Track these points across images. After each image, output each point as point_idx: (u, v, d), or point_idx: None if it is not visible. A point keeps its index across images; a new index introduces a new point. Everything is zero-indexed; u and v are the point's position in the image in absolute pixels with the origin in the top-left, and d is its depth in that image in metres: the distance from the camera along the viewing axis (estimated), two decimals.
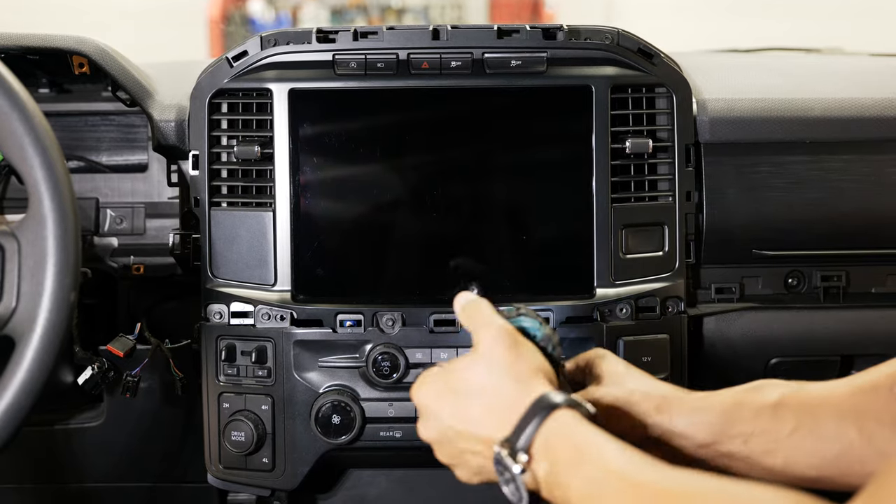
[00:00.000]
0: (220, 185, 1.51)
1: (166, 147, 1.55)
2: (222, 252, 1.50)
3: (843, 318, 1.60)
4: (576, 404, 1.01)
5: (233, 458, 1.51)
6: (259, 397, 1.49)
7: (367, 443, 1.49)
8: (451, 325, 1.48)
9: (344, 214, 1.50)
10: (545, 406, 1.00)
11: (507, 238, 1.51)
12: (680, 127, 1.51)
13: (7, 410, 1.06)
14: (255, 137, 1.49)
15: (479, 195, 1.51)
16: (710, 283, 1.61)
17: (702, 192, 1.54)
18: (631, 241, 1.50)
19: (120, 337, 1.52)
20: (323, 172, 1.50)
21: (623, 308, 1.49)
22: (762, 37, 2.37)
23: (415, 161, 1.50)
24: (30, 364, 1.06)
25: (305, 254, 1.49)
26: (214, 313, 1.50)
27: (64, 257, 1.07)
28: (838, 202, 1.55)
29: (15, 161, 1.09)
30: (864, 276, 1.62)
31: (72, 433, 1.67)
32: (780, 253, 1.58)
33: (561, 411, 0.99)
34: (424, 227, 1.51)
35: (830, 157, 1.55)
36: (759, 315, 1.61)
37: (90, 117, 1.64)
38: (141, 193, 1.59)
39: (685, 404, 1.13)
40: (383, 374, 1.46)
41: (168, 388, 1.60)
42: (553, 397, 1.00)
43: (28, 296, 1.07)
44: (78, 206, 1.11)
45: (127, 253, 1.55)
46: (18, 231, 1.09)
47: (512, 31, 1.49)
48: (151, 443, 1.68)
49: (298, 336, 1.48)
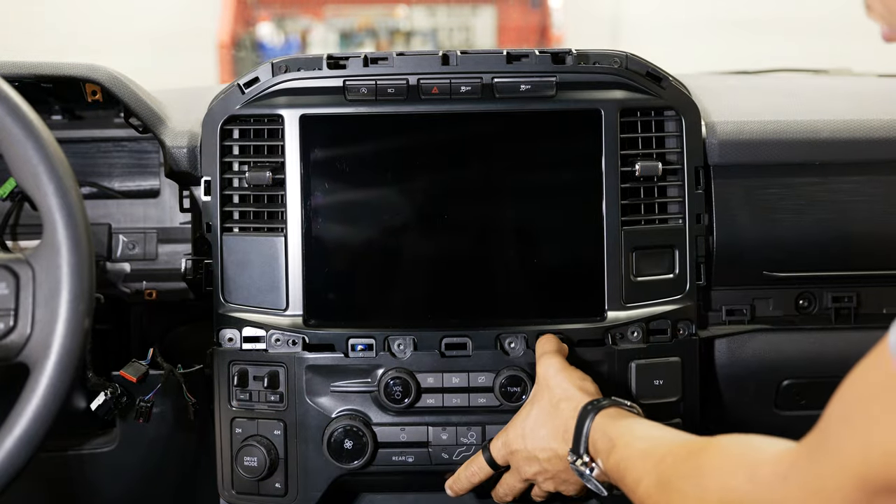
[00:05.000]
0: (231, 211, 1.52)
1: (178, 173, 1.56)
2: (234, 277, 1.51)
3: (855, 340, 1.59)
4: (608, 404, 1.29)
5: (245, 483, 1.51)
6: (271, 422, 1.49)
7: (380, 467, 1.49)
8: (463, 349, 1.48)
9: (355, 238, 1.51)
10: (586, 413, 1.28)
11: (518, 261, 1.52)
12: (689, 149, 1.52)
13: (22, 437, 1.07)
14: (267, 163, 1.50)
15: (489, 218, 1.51)
16: (721, 305, 1.61)
17: (711, 215, 1.54)
18: (641, 264, 1.51)
19: (133, 362, 1.52)
20: (334, 197, 1.50)
21: (634, 331, 1.50)
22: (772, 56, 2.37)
23: (425, 185, 1.51)
24: (45, 391, 1.06)
25: (317, 278, 1.49)
26: (227, 338, 1.51)
27: (78, 284, 1.08)
28: (848, 223, 1.55)
29: (29, 188, 1.10)
30: (875, 296, 1.61)
31: (85, 459, 1.67)
32: (791, 274, 1.58)
33: (599, 416, 1.27)
34: (435, 251, 1.51)
35: (840, 178, 1.55)
36: (770, 337, 1.60)
37: (102, 143, 1.65)
38: (153, 219, 1.59)
39: None
40: (395, 399, 1.46)
41: (181, 414, 1.61)
42: (591, 406, 1.29)
43: (42, 323, 1.08)
44: (91, 232, 1.12)
45: (139, 278, 1.56)
46: (33, 258, 1.09)
47: (521, 56, 1.50)
48: (164, 468, 1.68)
49: (310, 361, 1.48)
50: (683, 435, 1.16)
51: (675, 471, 1.06)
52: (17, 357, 1.09)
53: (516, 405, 1.45)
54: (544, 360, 1.41)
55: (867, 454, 0.80)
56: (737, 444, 1.01)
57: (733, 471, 0.96)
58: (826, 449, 0.84)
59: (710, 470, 1.00)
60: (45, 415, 1.07)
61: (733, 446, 1.01)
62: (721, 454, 1.01)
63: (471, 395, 1.48)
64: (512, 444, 1.39)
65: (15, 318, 1.08)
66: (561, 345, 1.45)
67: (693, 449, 1.07)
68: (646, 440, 1.18)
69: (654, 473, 1.10)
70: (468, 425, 1.48)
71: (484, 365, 1.48)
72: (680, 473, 1.05)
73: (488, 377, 1.48)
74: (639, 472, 1.14)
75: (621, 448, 1.20)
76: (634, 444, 1.19)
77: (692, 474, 1.02)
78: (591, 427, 1.27)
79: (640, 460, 1.15)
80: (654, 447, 1.14)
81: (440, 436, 1.48)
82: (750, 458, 0.95)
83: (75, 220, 1.09)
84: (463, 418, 1.49)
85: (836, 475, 0.83)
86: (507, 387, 1.46)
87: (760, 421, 1.62)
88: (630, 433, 1.21)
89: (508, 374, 1.46)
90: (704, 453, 1.03)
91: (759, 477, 0.92)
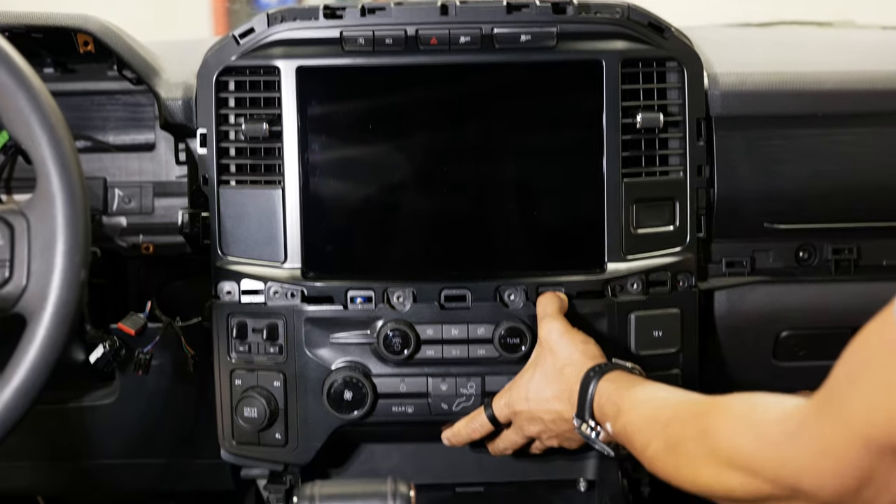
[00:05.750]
0: (228, 163, 1.51)
1: (174, 125, 1.55)
2: (232, 230, 1.50)
3: (855, 291, 1.59)
4: (610, 368, 1.30)
5: (246, 434, 1.51)
6: (271, 374, 1.49)
7: (380, 418, 1.49)
8: (462, 301, 1.48)
9: (353, 190, 1.50)
10: (590, 379, 1.29)
11: (518, 213, 1.51)
12: (691, 101, 1.50)
13: (20, 388, 1.07)
14: (263, 115, 1.49)
15: (488, 171, 1.50)
16: (721, 258, 1.60)
17: (713, 166, 1.53)
18: (641, 216, 1.50)
19: (131, 315, 1.52)
20: (332, 149, 1.49)
21: (634, 283, 1.49)
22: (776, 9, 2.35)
23: (424, 137, 1.50)
24: (42, 342, 1.06)
25: (315, 231, 1.48)
26: (225, 291, 1.50)
27: (73, 235, 1.07)
28: (850, 175, 1.54)
29: (22, 139, 1.09)
30: (875, 248, 1.61)
31: (85, 411, 1.67)
32: (792, 227, 1.57)
33: (603, 380, 1.28)
34: (434, 203, 1.50)
35: (843, 129, 1.54)
36: (770, 289, 1.60)
37: (96, 97, 1.63)
38: (149, 173, 1.58)
39: None
40: (395, 351, 1.46)
41: (180, 366, 1.61)
42: (593, 372, 1.30)
43: (39, 274, 1.07)
44: (86, 184, 1.11)
45: (136, 232, 1.55)
46: (27, 209, 1.09)
47: (521, 6, 1.48)
48: (164, 420, 1.69)
49: (309, 313, 1.48)
50: (688, 395, 1.16)
51: (683, 433, 1.06)
52: (13, 308, 1.08)
53: (515, 357, 1.45)
54: (546, 322, 1.41)
55: (872, 416, 0.81)
56: (742, 403, 1.01)
57: (740, 431, 0.97)
58: (833, 409, 0.85)
59: (717, 431, 1.00)
60: (43, 366, 1.07)
61: (739, 406, 1.01)
62: (727, 414, 1.01)
63: (470, 347, 1.48)
64: (515, 406, 1.40)
65: (10, 269, 1.08)
66: (563, 303, 1.45)
67: (698, 410, 1.07)
68: (651, 403, 1.18)
69: (661, 437, 1.11)
70: (468, 376, 1.49)
71: (483, 317, 1.47)
72: (687, 435, 1.05)
73: (488, 329, 1.47)
74: (646, 436, 1.14)
75: (627, 412, 1.21)
76: (640, 407, 1.19)
77: (699, 436, 1.03)
78: (596, 392, 1.28)
79: (647, 424, 1.15)
80: (660, 410, 1.15)
81: (440, 387, 1.49)
82: (756, 418, 0.96)
83: (69, 170, 1.08)
84: (462, 369, 1.49)
85: (843, 435, 0.83)
86: (507, 338, 1.46)
87: (759, 372, 1.63)
88: (635, 397, 1.22)
89: (508, 325, 1.46)
90: (710, 414, 1.04)
91: (767, 436, 0.93)
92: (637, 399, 1.21)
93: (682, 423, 1.08)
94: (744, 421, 0.97)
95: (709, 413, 1.04)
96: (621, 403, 1.22)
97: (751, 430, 0.95)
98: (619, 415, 1.22)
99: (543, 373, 1.38)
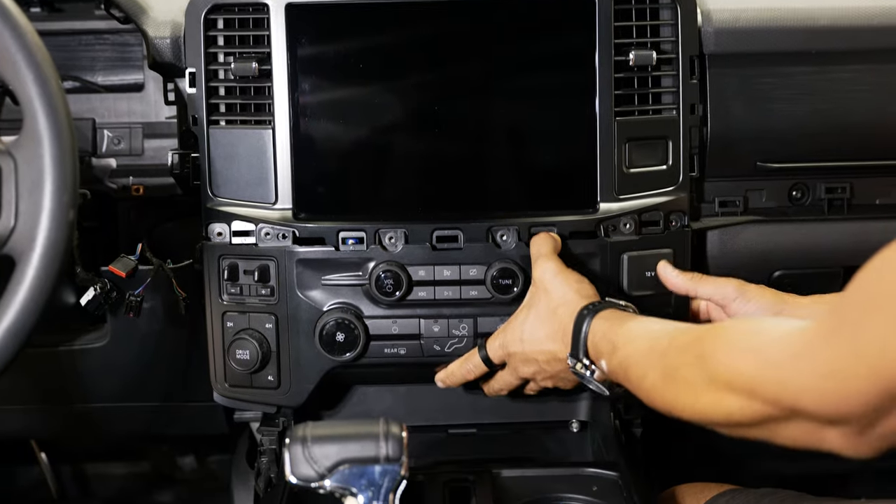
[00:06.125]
0: (217, 103, 1.49)
1: (162, 65, 1.53)
2: (222, 171, 1.49)
3: (848, 230, 1.59)
4: (604, 306, 1.29)
5: (238, 377, 1.51)
6: (263, 316, 1.49)
7: (372, 360, 1.49)
8: (454, 242, 1.47)
9: (344, 130, 1.48)
10: (583, 318, 1.28)
11: (510, 154, 1.50)
12: (684, 38, 1.49)
13: (9, 329, 1.06)
14: (253, 54, 1.47)
15: (480, 110, 1.49)
16: (714, 197, 1.60)
17: (706, 105, 1.52)
18: (634, 155, 1.49)
19: (121, 257, 1.51)
20: (322, 88, 1.48)
21: (626, 223, 1.49)
22: None
23: (415, 76, 1.48)
24: (31, 282, 1.06)
25: (306, 172, 1.47)
26: (216, 233, 1.50)
27: (61, 175, 1.06)
28: (844, 113, 1.53)
29: (8, 78, 1.07)
30: (868, 187, 1.61)
31: (76, 354, 1.67)
32: (785, 165, 1.57)
33: (596, 318, 1.27)
34: (426, 144, 1.49)
35: (837, 67, 1.53)
36: (762, 228, 1.60)
37: (83, 36, 1.61)
38: (138, 113, 1.56)
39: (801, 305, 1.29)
40: (386, 292, 1.46)
41: (171, 308, 1.60)
42: (587, 310, 1.29)
43: (27, 214, 1.06)
44: (74, 124, 1.09)
45: (126, 174, 1.53)
46: (14, 149, 1.07)
47: None
48: (156, 362, 1.69)
49: (301, 254, 1.47)
50: (684, 325, 1.14)
51: (681, 360, 1.05)
52: (1, 250, 1.07)
53: (508, 297, 1.45)
54: (540, 263, 1.40)
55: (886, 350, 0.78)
56: (742, 326, 0.99)
57: (740, 353, 0.95)
58: (843, 336, 0.82)
59: (715, 354, 0.98)
60: (32, 307, 1.06)
61: (738, 329, 0.99)
62: (726, 338, 0.99)
63: (462, 288, 1.47)
64: (509, 347, 1.40)
65: None
66: (556, 243, 1.44)
67: (696, 336, 1.05)
68: (647, 337, 1.17)
69: (658, 367, 1.09)
70: (460, 318, 1.48)
71: (476, 258, 1.47)
72: (685, 362, 1.03)
73: (480, 270, 1.47)
74: (643, 368, 1.13)
75: (623, 347, 1.20)
76: (636, 342, 1.18)
77: (697, 361, 1.01)
78: (590, 330, 1.27)
79: (643, 356, 1.14)
80: (656, 341, 1.13)
81: (432, 328, 1.49)
82: (757, 340, 0.94)
83: (56, 109, 1.06)
84: (455, 311, 1.49)
85: (851, 364, 0.81)
86: (499, 279, 1.45)
87: None
88: (630, 332, 1.21)
89: (500, 266, 1.45)
90: (708, 339, 1.02)
91: (768, 357, 0.90)
92: (632, 333, 1.20)
93: (679, 350, 1.06)
94: (744, 343, 0.95)
95: (706, 337, 1.02)
96: (616, 339, 1.21)
97: (751, 352, 0.93)
98: (614, 351, 1.21)
99: (537, 313, 1.38)
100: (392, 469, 0.98)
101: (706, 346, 1.01)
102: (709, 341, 1.01)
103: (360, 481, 0.98)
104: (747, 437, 0.98)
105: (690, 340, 1.06)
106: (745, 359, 0.93)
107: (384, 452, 0.98)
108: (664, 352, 1.09)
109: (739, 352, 0.95)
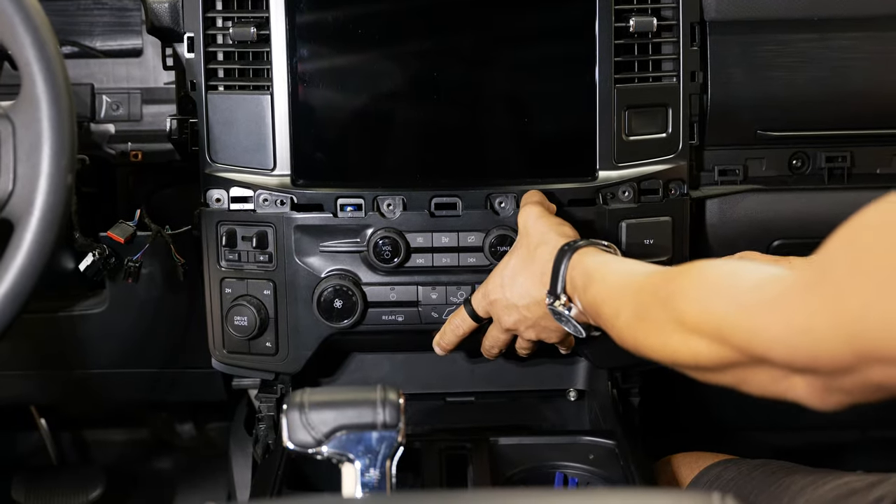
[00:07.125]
0: (216, 68, 1.49)
1: (160, 29, 1.52)
2: (220, 136, 1.48)
3: (848, 200, 1.58)
4: (585, 244, 1.26)
5: (236, 343, 1.51)
6: (261, 282, 1.49)
7: (370, 327, 1.49)
8: (453, 209, 1.47)
9: (343, 97, 1.48)
10: (563, 253, 1.25)
11: (509, 121, 1.49)
12: (685, 5, 1.48)
13: (7, 293, 1.06)
14: (251, 18, 1.46)
15: (480, 77, 1.48)
16: (714, 165, 1.59)
17: (706, 72, 1.51)
18: (634, 123, 1.48)
19: (120, 223, 1.51)
20: (320, 54, 1.47)
21: (625, 191, 1.48)
22: None
23: (414, 44, 1.48)
24: (29, 247, 1.06)
25: (305, 137, 1.47)
26: (214, 199, 1.49)
27: (59, 139, 1.06)
28: (845, 81, 1.52)
29: (6, 41, 1.07)
30: (869, 156, 1.60)
31: (75, 320, 1.67)
32: (785, 133, 1.56)
33: (576, 254, 1.24)
34: (425, 111, 1.49)
35: (838, 34, 1.52)
36: (762, 197, 1.59)
37: (82, 1, 1.60)
38: (136, 79, 1.56)
39: None
40: (384, 259, 1.46)
41: (170, 275, 1.60)
42: (567, 247, 1.26)
43: (25, 178, 1.06)
44: (73, 89, 1.09)
45: (124, 139, 1.53)
46: (12, 113, 1.07)
47: None
48: (155, 329, 1.69)
49: (299, 221, 1.47)
50: (661, 267, 1.11)
51: (654, 298, 1.02)
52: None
53: None
54: (525, 210, 1.39)
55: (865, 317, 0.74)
56: (717, 267, 0.96)
57: (713, 294, 0.92)
58: (822, 292, 0.78)
59: (688, 293, 0.96)
60: (31, 271, 1.06)
61: (713, 270, 0.96)
62: (701, 278, 0.96)
63: (460, 255, 1.47)
64: (491, 295, 1.38)
65: None
66: (542, 196, 1.43)
67: (670, 275, 1.03)
68: (622, 274, 1.14)
69: (631, 304, 1.07)
70: (458, 284, 1.48)
71: (474, 224, 1.47)
72: (658, 299, 1.00)
73: (478, 237, 1.47)
74: (616, 305, 1.10)
75: (598, 282, 1.17)
76: (610, 277, 1.16)
77: (670, 299, 0.98)
78: (568, 266, 1.24)
79: (618, 292, 1.11)
80: (631, 279, 1.10)
81: (430, 295, 1.49)
82: (731, 282, 0.91)
83: (54, 72, 1.06)
84: (452, 278, 1.49)
85: (828, 322, 0.77)
86: (497, 246, 1.45)
87: None
88: (606, 267, 1.18)
89: (498, 233, 1.45)
90: (682, 278, 0.99)
91: (741, 300, 0.87)
92: (609, 269, 1.17)
93: (652, 288, 1.03)
94: (716, 286, 0.92)
95: (680, 276, 0.99)
96: (593, 274, 1.18)
97: (723, 295, 0.90)
98: (589, 285, 1.18)
99: (518, 257, 1.35)
100: (389, 436, 0.98)
101: (680, 283, 0.98)
102: (682, 280, 0.98)
103: (358, 447, 0.98)
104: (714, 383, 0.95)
105: (665, 279, 1.03)
106: (717, 301, 0.90)
107: (381, 419, 0.98)
108: (639, 289, 1.06)
109: (713, 293, 0.92)
